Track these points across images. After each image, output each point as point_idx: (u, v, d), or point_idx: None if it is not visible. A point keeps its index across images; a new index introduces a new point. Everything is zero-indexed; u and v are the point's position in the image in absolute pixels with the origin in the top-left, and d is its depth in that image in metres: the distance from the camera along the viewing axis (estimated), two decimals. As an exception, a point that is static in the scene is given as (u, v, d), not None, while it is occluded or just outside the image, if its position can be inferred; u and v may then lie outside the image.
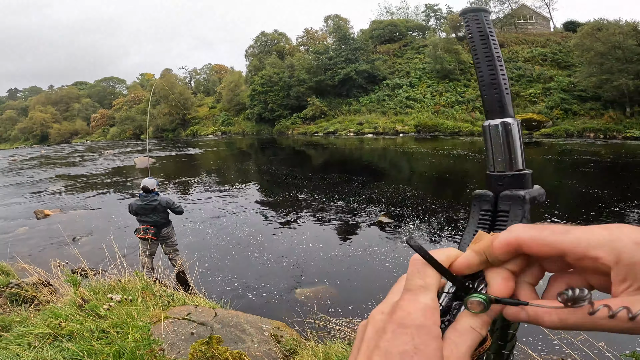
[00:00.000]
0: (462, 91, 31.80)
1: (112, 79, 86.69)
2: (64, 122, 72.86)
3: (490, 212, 0.40)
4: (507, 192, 0.39)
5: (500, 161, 0.41)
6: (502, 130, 0.41)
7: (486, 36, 0.43)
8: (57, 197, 12.58)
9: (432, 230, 6.97)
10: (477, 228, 0.40)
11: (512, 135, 0.41)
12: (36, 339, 2.61)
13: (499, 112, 0.42)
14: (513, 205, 0.38)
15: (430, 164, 15.45)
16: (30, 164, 27.23)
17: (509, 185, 0.40)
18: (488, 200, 0.40)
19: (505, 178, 0.41)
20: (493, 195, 0.40)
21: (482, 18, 0.43)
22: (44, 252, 6.77)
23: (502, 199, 0.40)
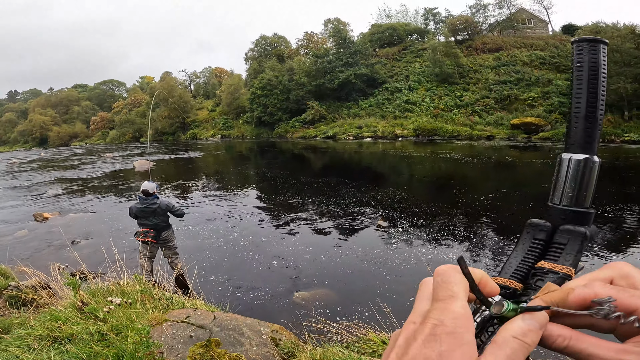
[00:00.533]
0: (461, 95, 31.90)
1: (112, 81, 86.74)
2: (63, 124, 72.84)
3: (544, 242, 0.40)
4: (569, 226, 0.39)
5: (570, 196, 0.40)
6: (583, 167, 0.40)
7: (598, 69, 0.41)
8: (56, 200, 12.58)
9: (430, 235, 6.99)
10: (527, 255, 0.40)
11: (592, 174, 0.40)
12: (36, 341, 2.62)
13: (585, 148, 0.41)
14: (572, 240, 0.38)
15: (429, 168, 15.49)
16: (29, 166, 27.23)
17: (571, 221, 0.40)
18: (545, 231, 0.40)
19: (570, 213, 0.40)
20: (551, 227, 0.40)
21: (600, 49, 0.42)
22: (43, 255, 6.77)
23: (562, 232, 0.39)
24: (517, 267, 0.39)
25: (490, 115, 28.55)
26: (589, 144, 0.41)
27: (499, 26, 39.46)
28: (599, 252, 5.77)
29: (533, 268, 0.39)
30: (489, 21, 40.70)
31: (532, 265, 0.39)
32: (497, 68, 33.14)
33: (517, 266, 0.39)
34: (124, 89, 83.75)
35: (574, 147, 0.41)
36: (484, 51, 36.17)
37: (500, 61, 33.71)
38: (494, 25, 40.21)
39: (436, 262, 5.59)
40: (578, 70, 0.42)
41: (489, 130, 26.84)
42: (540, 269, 0.37)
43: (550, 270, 0.36)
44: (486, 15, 40.55)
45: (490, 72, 32.97)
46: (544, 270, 0.37)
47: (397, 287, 4.93)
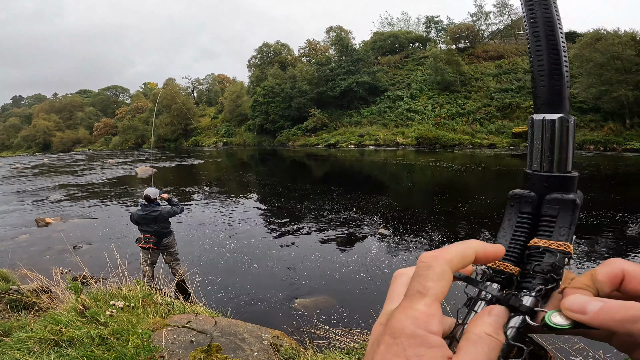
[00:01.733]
0: (462, 103, 32.00)
1: (115, 87, 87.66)
2: (67, 130, 73.39)
3: (532, 215, 0.36)
4: (556, 195, 0.36)
5: (550, 160, 0.37)
6: (559, 126, 0.37)
7: (554, 22, 0.38)
8: (58, 206, 12.62)
9: (431, 244, 6.97)
10: (516, 233, 0.36)
11: (569, 133, 0.37)
12: (36, 345, 2.61)
13: (557, 106, 0.38)
14: (562, 210, 0.35)
15: (431, 177, 15.50)
16: (32, 172, 27.37)
17: (557, 188, 0.36)
18: (530, 202, 0.37)
19: (553, 179, 0.36)
20: (536, 197, 0.37)
21: (551, 2, 0.39)
22: (44, 259, 6.78)
23: (550, 202, 0.36)
24: (509, 248, 0.36)
25: (491, 124, 28.60)
26: (559, 102, 0.38)
27: (501, 34, 39.80)
28: (599, 261, 5.74)
29: (527, 247, 0.35)
30: (491, 29, 41.09)
31: (524, 244, 0.36)
32: (498, 76, 33.30)
33: (509, 247, 0.36)
34: (128, 95, 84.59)
35: (544, 107, 0.38)
36: (486, 59, 36.41)
37: (501, 69, 33.89)
38: (495, 33, 40.55)
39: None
40: (533, 26, 0.39)
41: (491, 138, 26.86)
42: (535, 247, 0.34)
43: (546, 248, 0.33)
44: (488, 23, 40.97)
45: (491, 80, 33.13)
46: (540, 249, 0.34)
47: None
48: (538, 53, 0.38)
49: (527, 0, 0.39)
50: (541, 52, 0.38)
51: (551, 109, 0.38)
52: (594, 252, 6.10)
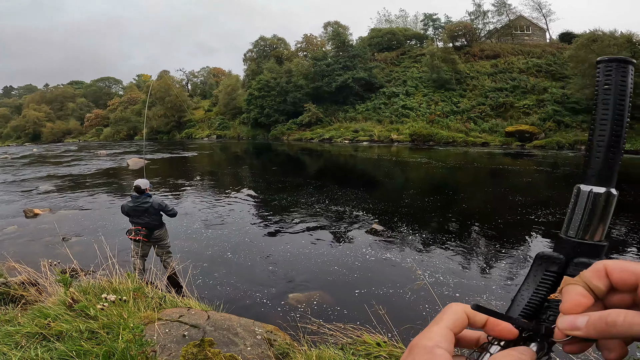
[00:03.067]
0: (457, 101, 32.13)
1: (108, 79, 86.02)
2: (57, 121, 72.05)
3: (556, 275, 0.39)
4: (583, 259, 0.38)
5: (586, 229, 0.39)
6: (603, 200, 0.38)
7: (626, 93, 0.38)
8: (47, 197, 12.39)
9: (424, 240, 6.99)
10: (538, 288, 0.39)
11: (611, 208, 0.39)
12: (23, 339, 2.55)
13: (606, 180, 0.39)
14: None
15: (424, 174, 15.55)
16: (21, 162, 26.84)
17: (586, 253, 0.38)
18: (558, 263, 0.39)
19: (585, 246, 0.39)
20: (564, 259, 0.39)
21: (629, 71, 0.38)
22: (33, 251, 6.64)
23: (577, 265, 0.38)
24: (529, 301, 0.38)
25: (485, 122, 28.77)
26: (609, 176, 0.38)
27: (497, 33, 39.93)
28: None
29: (546, 301, 0.38)
30: (488, 28, 41.17)
31: (543, 299, 0.38)
32: (493, 75, 33.47)
33: (529, 300, 0.38)
34: (121, 87, 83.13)
35: (594, 179, 0.39)
36: (482, 58, 36.54)
37: (497, 68, 34.06)
38: (492, 32, 40.66)
39: (430, 267, 5.60)
40: (605, 93, 0.38)
41: (484, 137, 27.04)
42: (554, 301, 0.36)
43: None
44: (485, 22, 41.04)
45: (486, 79, 33.29)
46: (557, 303, 0.35)
47: (392, 289, 4.91)
48: (602, 122, 0.38)
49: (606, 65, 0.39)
50: (606, 122, 0.38)
51: (599, 182, 0.38)
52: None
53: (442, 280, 5.15)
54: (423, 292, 4.71)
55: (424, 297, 4.64)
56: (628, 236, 6.91)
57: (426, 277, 4.25)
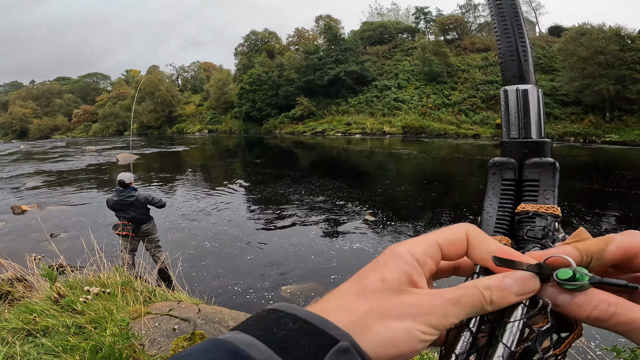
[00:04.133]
0: (448, 94, 32.27)
1: (96, 74, 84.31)
2: (44, 117, 70.60)
3: (514, 181, 0.37)
4: (535, 159, 0.36)
5: (527, 127, 0.38)
6: (532, 95, 0.38)
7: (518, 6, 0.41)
8: (35, 193, 12.17)
9: (417, 230, 7.04)
10: (502, 201, 0.36)
11: (541, 101, 0.39)
12: (9, 334, 2.51)
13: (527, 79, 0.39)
14: (543, 173, 0.35)
15: (416, 165, 15.62)
16: (8, 159, 26.27)
17: (535, 153, 0.37)
18: (512, 169, 0.37)
19: (531, 144, 0.37)
20: (516, 163, 0.37)
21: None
22: (20, 247, 6.53)
23: (530, 166, 0.36)
24: (499, 217, 0.36)
25: (476, 115, 28.98)
26: (528, 73, 0.39)
27: (488, 26, 40.04)
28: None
29: (515, 214, 0.35)
30: (479, 21, 41.25)
31: (512, 212, 0.35)
32: (484, 68, 33.66)
33: (498, 216, 0.36)
34: (109, 82, 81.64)
35: (515, 79, 0.39)
36: (472, 51, 36.68)
37: (487, 61, 34.24)
38: (483, 25, 40.77)
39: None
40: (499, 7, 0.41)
41: (475, 129, 27.24)
42: (524, 213, 0.34)
43: (536, 212, 0.33)
44: (476, 16, 41.12)
45: (477, 72, 33.46)
46: (529, 214, 0.33)
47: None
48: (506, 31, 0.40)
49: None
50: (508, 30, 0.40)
51: (522, 81, 0.39)
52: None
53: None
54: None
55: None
56: (621, 224, 7.04)
57: None
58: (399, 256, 0.27)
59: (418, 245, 0.28)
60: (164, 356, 2.39)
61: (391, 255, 0.27)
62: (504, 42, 0.40)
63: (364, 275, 0.27)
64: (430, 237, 0.29)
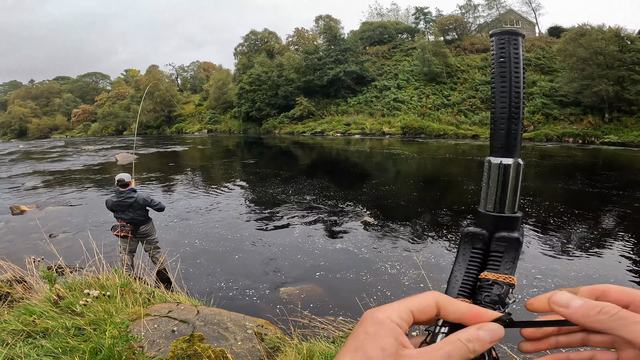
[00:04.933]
0: (448, 94, 32.30)
1: (95, 74, 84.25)
2: (43, 117, 70.49)
3: (482, 251, 0.40)
4: (504, 233, 0.39)
5: (502, 202, 0.40)
6: (513, 171, 0.39)
7: (520, 64, 0.39)
8: (34, 193, 12.15)
9: (416, 232, 7.05)
10: (469, 267, 0.40)
11: (519, 177, 0.40)
12: (9, 336, 2.52)
13: (512, 151, 0.40)
14: (508, 247, 0.38)
15: (416, 166, 15.64)
16: (6, 158, 26.22)
17: (504, 227, 0.39)
18: (482, 240, 0.40)
19: (502, 219, 0.40)
20: (487, 234, 0.40)
21: (520, 43, 0.39)
22: (19, 248, 6.53)
23: (498, 239, 0.39)
24: (463, 281, 0.39)
25: (475, 115, 29.02)
26: (514, 146, 0.39)
27: (488, 27, 40.13)
28: (574, 253, 5.92)
29: (478, 280, 0.39)
30: (479, 22, 41.30)
31: (476, 277, 0.39)
32: (484, 68, 33.71)
33: (463, 280, 0.39)
34: (108, 82, 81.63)
35: (501, 151, 0.40)
36: (472, 51, 36.74)
37: (487, 62, 34.27)
38: (482, 25, 40.84)
39: (425, 258, 5.65)
40: (501, 66, 0.39)
41: (474, 129, 27.28)
42: (485, 280, 0.38)
43: (495, 281, 0.37)
44: (476, 16, 41.17)
45: (477, 72, 33.50)
46: (489, 282, 0.37)
47: (383, 282, 4.95)
48: (502, 95, 0.39)
49: (498, 38, 0.40)
50: (505, 95, 0.39)
51: (507, 153, 0.40)
52: (569, 242, 6.29)
53: (440, 271, 5.19)
54: (422, 285, 4.73)
55: (421, 289, 4.67)
56: (622, 226, 7.07)
57: (423, 267, 4.26)
58: (383, 323, 0.31)
59: (394, 311, 0.32)
60: (162, 358, 2.39)
61: (375, 323, 0.31)
62: (498, 106, 0.40)
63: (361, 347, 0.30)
64: (404, 305, 0.33)
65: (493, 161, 0.40)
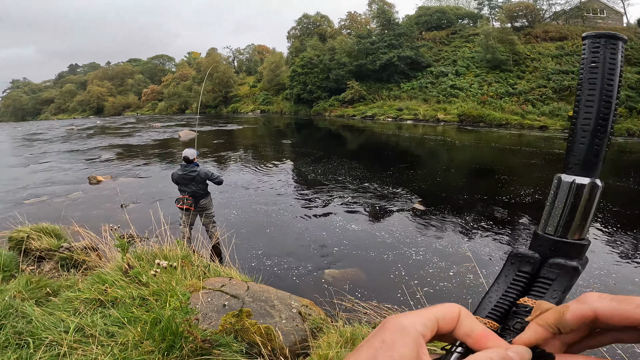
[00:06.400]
0: (514, 82, 29.79)
1: (162, 56, 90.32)
2: (118, 95, 77.68)
3: (529, 275, 0.35)
4: (560, 260, 0.34)
5: (567, 226, 0.35)
6: (586, 193, 0.34)
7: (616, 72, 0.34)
8: (108, 165, 13.51)
9: (468, 223, 6.70)
10: (508, 290, 0.35)
11: (595, 201, 0.35)
12: (82, 305, 2.73)
13: (591, 170, 0.34)
14: (561, 275, 0.34)
15: (472, 155, 14.76)
16: (85, 133, 29.36)
17: (564, 253, 0.35)
18: (532, 263, 0.35)
19: (563, 244, 0.35)
20: (539, 259, 0.35)
21: (619, 48, 0.34)
22: (95, 216, 7.27)
23: (552, 266, 0.34)
24: (497, 304, 0.35)
25: (545, 105, 26.48)
26: (595, 164, 0.34)
27: (565, 15, 35.88)
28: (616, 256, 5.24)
29: (514, 305, 0.34)
30: (554, 9, 37.03)
31: (513, 302, 0.35)
32: (559, 57, 30.47)
33: (497, 302, 0.35)
34: (173, 64, 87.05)
35: (577, 168, 0.35)
36: (545, 39, 33.26)
37: (563, 50, 30.89)
38: (559, 13, 36.58)
39: (473, 251, 5.40)
40: (592, 71, 0.34)
41: (543, 120, 24.93)
42: (523, 306, 0.34)
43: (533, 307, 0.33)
44: (551, 3, 36.89)
45: (550, 61, 30.37)
46: (527, 308, 0.33)
47: (431, 271, 4.81)
48: (588, 103, 0.34)
49: (592, 41, 0.35)
50: (592, 103, 0.34)
51: (584, 172, 0.35)
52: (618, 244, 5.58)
53: (491, 266, 4.93)
54: (471, 276, 4.54)
55: (469, 282, 4.47)
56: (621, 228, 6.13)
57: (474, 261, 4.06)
58: (405, 332, 0.28)
59: (420, 318, 0.29)
60: (213, 331, 2.49)
61: (397, 330, 0.28)
62: (582, 115, 0.35)
63: (374, 356, 0.27)
64: (430, 312, 0.30)
65: (564, 179, 0.35)
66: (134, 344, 2.21)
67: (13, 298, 2.81)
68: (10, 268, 3.88)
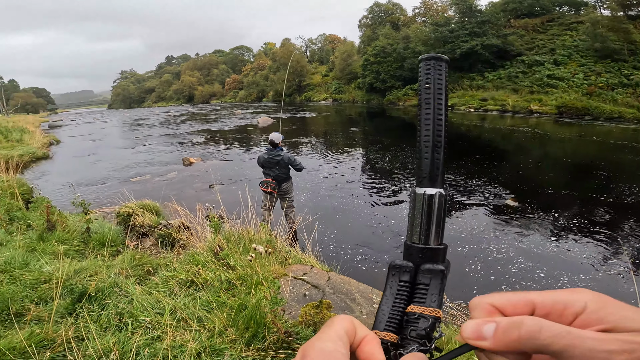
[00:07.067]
0: (629, 73, 25.18)
1: (242, 47, 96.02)
2: (205, 85, 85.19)
3: (409, 283, 0.39)
4: (429, 265, 0.38)
5: (427, 234, 0.39)
6: (437, 202, 0.39)
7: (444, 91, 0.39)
8: (198, 148, 14.88)
9: (567, 225, 5.82)
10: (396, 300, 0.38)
11: (444, 208, 0.39)
12: (176, 286, 2.84)
13: (436, 181, 0.39)
14: (434, 279, 0.38)
15: (573, 151, 12.86)
16: (180, 118, 32.77)
17: (430, 259, 0.39)
18: (408, 272, 0.39)
19: (428, 251, 0.39)
20: (413, 267, 0.39)
21: (444, 69, 0.39)
22: (188, 195, 7.90)
23: (424, 272, 0.38)
24: (390, 316, 0.38)
25: (670, 97, 21.88)
26: (437, 176, 0.39)
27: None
28: None
29: (405, 314, 0.37)
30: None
31: (403, 311, 0.38)
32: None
33: (390, 314, 0.38)
34: (251, 54, 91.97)
35: (425, 181, 0.39)
36: (669, 28, 27.29)
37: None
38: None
39: (572, 254, 4.69)
40: (426, 92, 0.39)
41: (667, 114, 20.67)
42: (412, 314, 0.36)
43: (421, 314, 0.36)
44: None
45: (679, 51, 24.92)
46: (415, 315, 0.36)
47: (526, 274, 4.32)
48: (426, 122, 0.39)
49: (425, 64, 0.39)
50: (429, 122, 0.39)
51: (431, 184, 0.39)
52: None
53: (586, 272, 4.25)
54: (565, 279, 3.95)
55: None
56: None
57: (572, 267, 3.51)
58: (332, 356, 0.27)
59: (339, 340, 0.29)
60: (294, 322, 2.42)
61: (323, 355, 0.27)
62: (423, 133, 0.40)
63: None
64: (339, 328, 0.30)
65: (418, 191, 0.40)
66: (219, 330, 2.21)
67: (118, 275, 2.99)
68: (117, 243, 4.30)
